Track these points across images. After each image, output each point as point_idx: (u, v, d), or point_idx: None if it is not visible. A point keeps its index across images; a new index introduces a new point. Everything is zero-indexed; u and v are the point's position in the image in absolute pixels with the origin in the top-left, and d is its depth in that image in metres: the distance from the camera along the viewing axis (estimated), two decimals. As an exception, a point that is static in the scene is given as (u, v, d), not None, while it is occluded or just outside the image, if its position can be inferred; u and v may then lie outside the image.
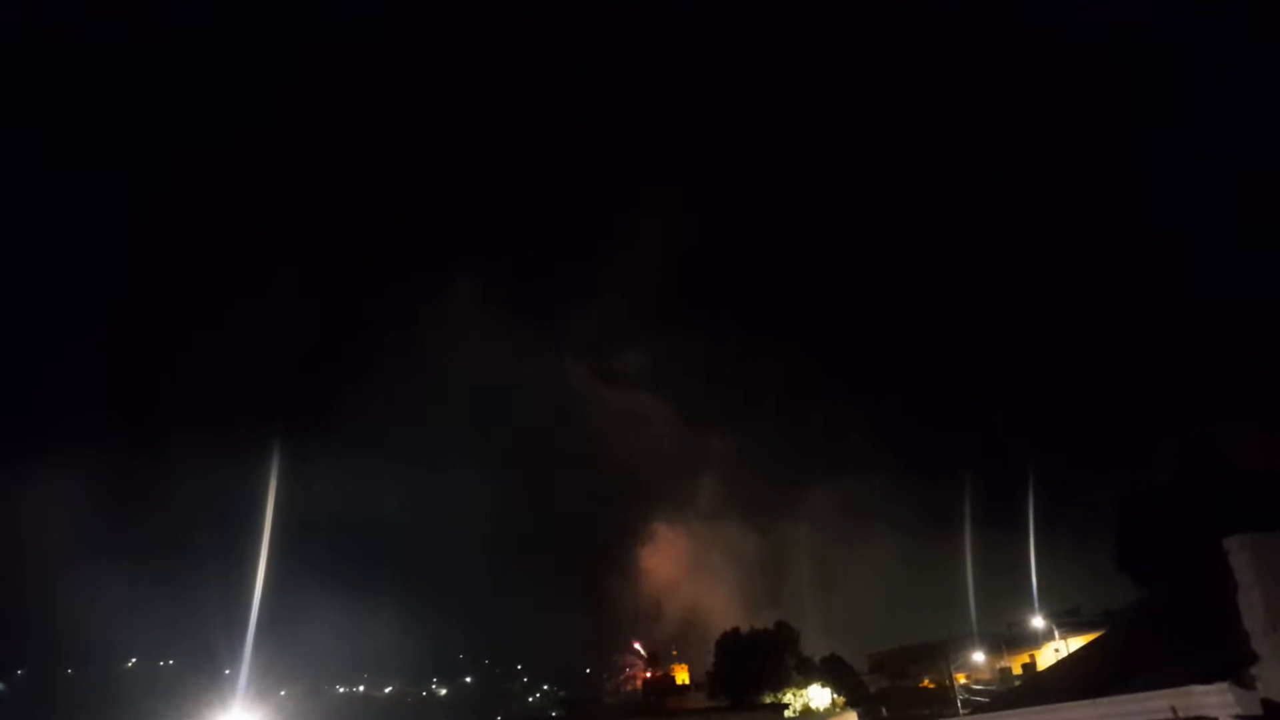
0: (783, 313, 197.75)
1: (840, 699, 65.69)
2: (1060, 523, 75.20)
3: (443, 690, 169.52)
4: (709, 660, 74.67)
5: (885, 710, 63.43)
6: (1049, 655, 63.31)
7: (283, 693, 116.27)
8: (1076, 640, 53.81)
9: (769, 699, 63.06)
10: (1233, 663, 11.34)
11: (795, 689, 65.28)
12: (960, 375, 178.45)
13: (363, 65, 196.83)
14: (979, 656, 69.04)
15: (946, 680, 60.11)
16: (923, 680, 72.63)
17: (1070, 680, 18.21)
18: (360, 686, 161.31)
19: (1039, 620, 68.94)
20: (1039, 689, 23.34)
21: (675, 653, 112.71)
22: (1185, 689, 11.32)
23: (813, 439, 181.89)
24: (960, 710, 50.17)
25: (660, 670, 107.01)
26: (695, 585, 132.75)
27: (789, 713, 62.15)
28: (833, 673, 68.59)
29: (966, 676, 68.04)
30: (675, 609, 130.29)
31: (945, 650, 64.21)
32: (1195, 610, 14.02)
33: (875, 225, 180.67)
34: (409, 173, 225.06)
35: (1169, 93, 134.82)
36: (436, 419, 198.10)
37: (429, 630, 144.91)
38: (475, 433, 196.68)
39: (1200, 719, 11.06)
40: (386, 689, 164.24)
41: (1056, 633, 65.82)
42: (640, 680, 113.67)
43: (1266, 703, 10.91)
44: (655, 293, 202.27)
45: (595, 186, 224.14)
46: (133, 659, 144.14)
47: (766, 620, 74.58)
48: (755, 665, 65.65)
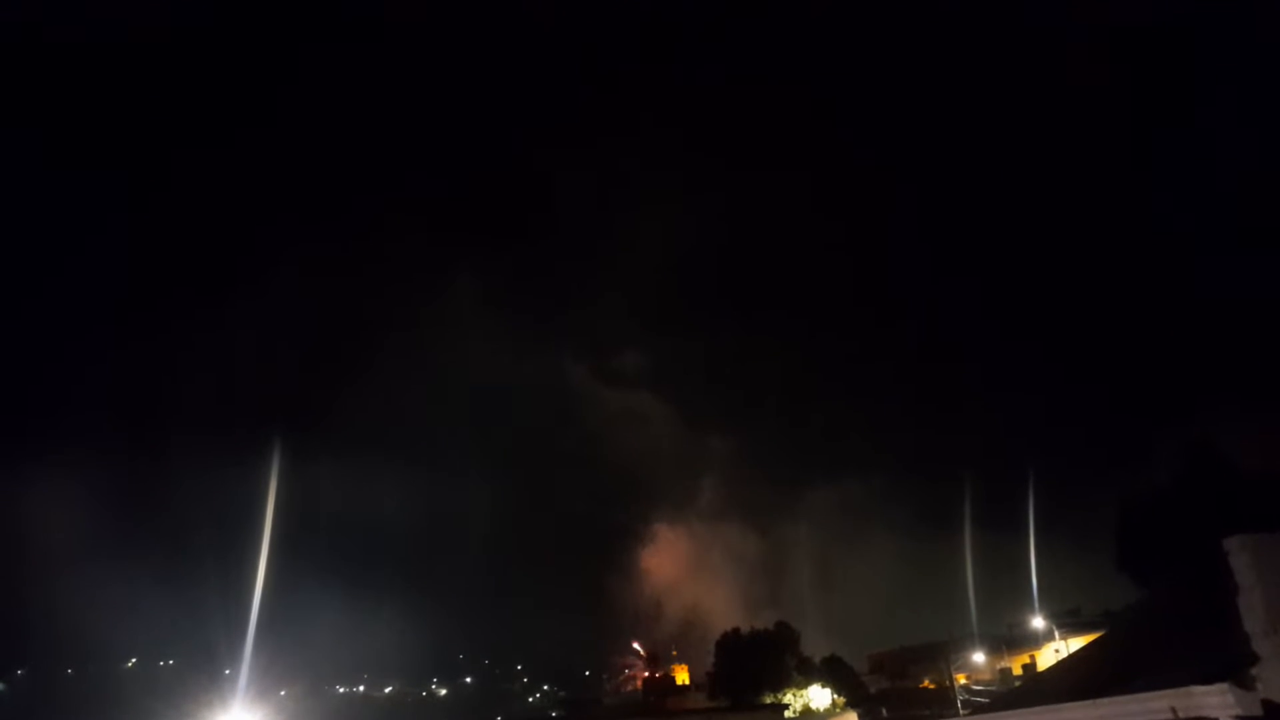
0: (783, 313, 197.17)
1: (840, 699, 65.66)
2: (1060, 523, 75.13)
3: (443, 690, 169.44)
4: (709, 660, 74.67)
5: (885, 711, 63.44)
6: (1049, 656, 63.33)
7: (283, 693, 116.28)
8: (1077, 641, 53.83)
9: (769, 699, 63.03)
10: (1233, 663, 11.34)
11: (795, 689, 65.23)
12: (960, 375, 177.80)
13: (363, 65, 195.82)
14: (979, 657, 69.02)
15: (947, 681, 60.11)
16: (923, 681, 72.61)
17: (1070, 681, 18.20)
18: (360, 687, 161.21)
19: (1039, 621, 68.96)
20: (1039, 689, 23.32)
21: (675, 653, 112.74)
22: (1185, 690, 11.32)
23: (813, 439, 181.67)
24: (960, 711, 50.18)
25: (660, 670, 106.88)
26: (695, 585, 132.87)
27: (789, 713, 62.09)
28: (833, 673, 68.55)
29: (967, 677, 68.03)
30: (675, 609, 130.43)
31: (945, 651, 64.20)
32: (1195, 611, 14.01)
33: (875, 225, 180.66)
34: (409, 173, 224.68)
35: (1169, 93, 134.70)
36: (436, 419, 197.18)
37: (429, 630, 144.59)
38: (475, 433, 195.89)
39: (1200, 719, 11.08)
40: (386, 689, 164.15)
41: (1057, 633, 65.86)
42: (640, 680, 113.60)
43: (1267, 703, 10.91)
44: (655, 293, 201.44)
45: (595, 186, 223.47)
46: (133, 659, 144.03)
47: (767, 620, 74.66)
48: (755, 666, 65.62)
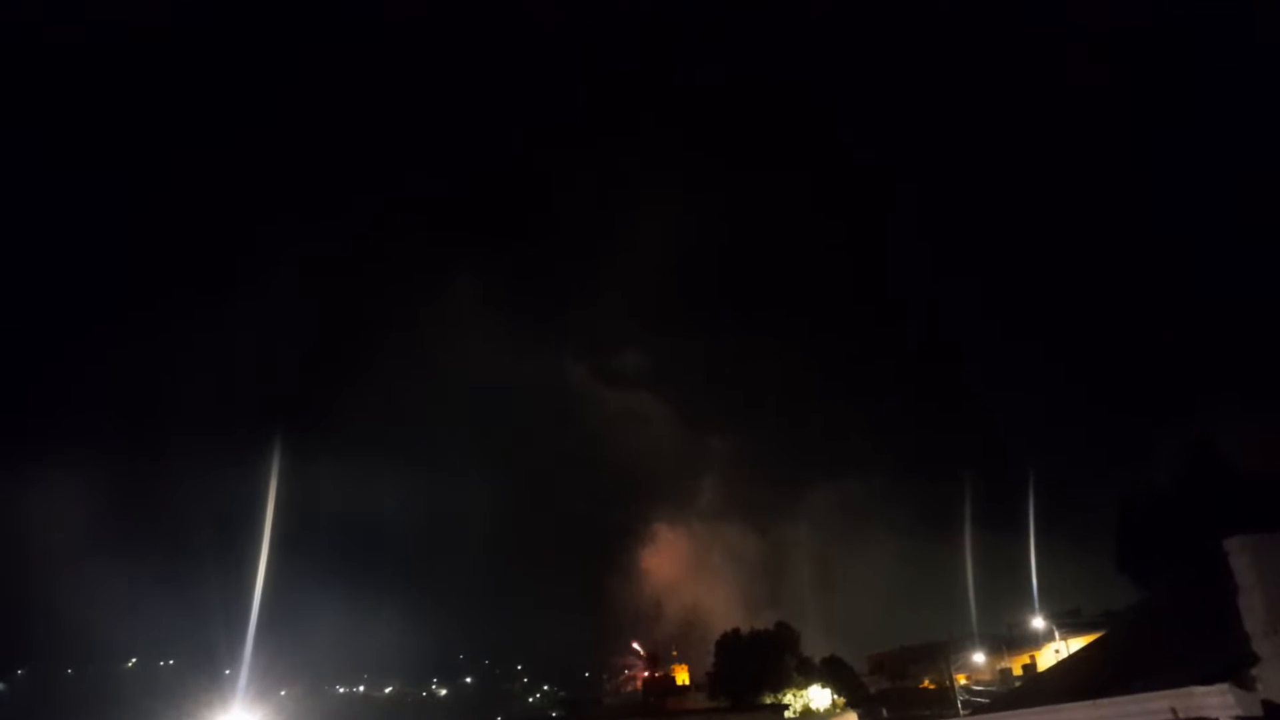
0: (783, 313, 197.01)
1: (840, 700, 65.65)
2: (1060, 523, 75.04)
3: (443, 691, 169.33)
4: (709, 661, 74.59)
5: (885, 711, 63.42)
6: (1049, 656, 63.33)
7: (283, 693, 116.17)
8: (1077, 641, 53.84)
9: (769, 700, 63.00)
10: (1233, 664, 11.35)
11: (795, 690, 65.20)
12: (960, 375, 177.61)
13: (363, 65, 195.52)
14: (979, 657, 68.97)
15: (947, 681, 60.09)
16: (923, 681, 72.58)
17: (1071, 681, 18.20)
18: (360, 687, 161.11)
19: (1039, 621, 68.92)
20: (1039, 690, 23.32)
21: (675, 653, 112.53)
22: (1186, 690, 11.31)
23: (813, 439, 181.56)
24: (960, 711, 50.19)
25: (660, 671, 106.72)
26: (695, 585, 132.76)
27: (789, 713, 62.07)
28: (833, 673, 68.53)
29: (967, 677, 68.00)
30: (675, 609, 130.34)
31: (945, 651, 64.18)
32: (1196, 611, 14.02)
33: (875, 225, 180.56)
34: (409, 173, 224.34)
35: (1169, 93, 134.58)
36: (436, 419, 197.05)
37: (429, 630, 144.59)
38: (475, 433, 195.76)
39: (1201, 720, 11.07)
40: (387, 689, 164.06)
41: (1057, 634, 65.85)
42: (640, 681, 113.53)
43: (1267, 704, 10.91)
44: (655, 293, 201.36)
45: (595, 186, 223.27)
46: (133, 659, 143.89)
47: (767, 621, 74.59)
48: (755, 666, 65.58)
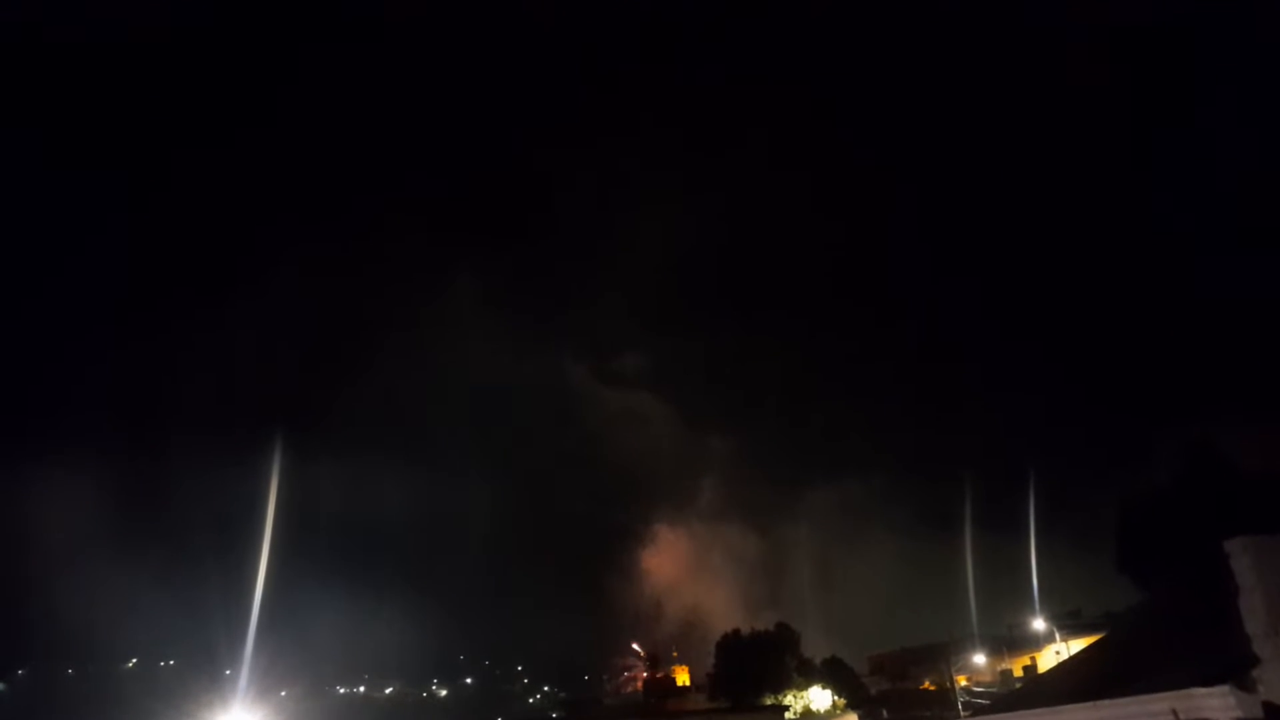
0: (783, 313, 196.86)
1: (841, 701, 65.58)
2: (1060, 524, 74.96)
3: (443, 691, 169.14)
4: (709, 662, 74.49)
5: (886, 712, 63.41)
6: (1050, 657, 63.32)
7: (283, 693, 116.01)
8: (1077, 642, 53.88)
9: (769, 701, 62.95)
10: (1234, 665, 11.34)
11: (796, 691, 65.13)
12: (960, 375, 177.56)
13: (363, 65, 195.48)
14: (980, 658, 68.92)
15: (947, 682, 60.09)
16: (923, 682, 72.59)
17: (1071, 682, 18.20)
18: (361, 687, 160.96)
19: (1040, 622, 68.89)
20: (1040, 691, 23.31)
21: (676, 654, 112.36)
22: (1186, 691, 11.32)
23: (813, 439, 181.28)
24: (961, 712, 50.24)
25: (661, 671, 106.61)
26: (695, 586, 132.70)
27: (790, 714, 62.01)
28: (833, 674, 68.47)
29: (967, 678, 67.98)
30: (675, 610, 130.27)
31: (946, 652, 64.19)
32: (1196, 613, 14.01)
33: (875, 225, 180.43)
34: (409, 173, 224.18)
35: (1169, 93, 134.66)
36: (436, 419, 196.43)
37: (429, 631, 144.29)
38: (475, 433, 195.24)
39: (1201, 721, 11.07)
40: (387, 690, 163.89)
41: (1057, 635, 65.84)
42: (641, 681, 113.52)
43: (1267, 705, 10.90)
44: (655, 293, 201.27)
45: (595, 186, 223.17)
46: (133, 659, 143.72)
47: (767, 621, 74.47)
48: (756, 667, 65.51)
